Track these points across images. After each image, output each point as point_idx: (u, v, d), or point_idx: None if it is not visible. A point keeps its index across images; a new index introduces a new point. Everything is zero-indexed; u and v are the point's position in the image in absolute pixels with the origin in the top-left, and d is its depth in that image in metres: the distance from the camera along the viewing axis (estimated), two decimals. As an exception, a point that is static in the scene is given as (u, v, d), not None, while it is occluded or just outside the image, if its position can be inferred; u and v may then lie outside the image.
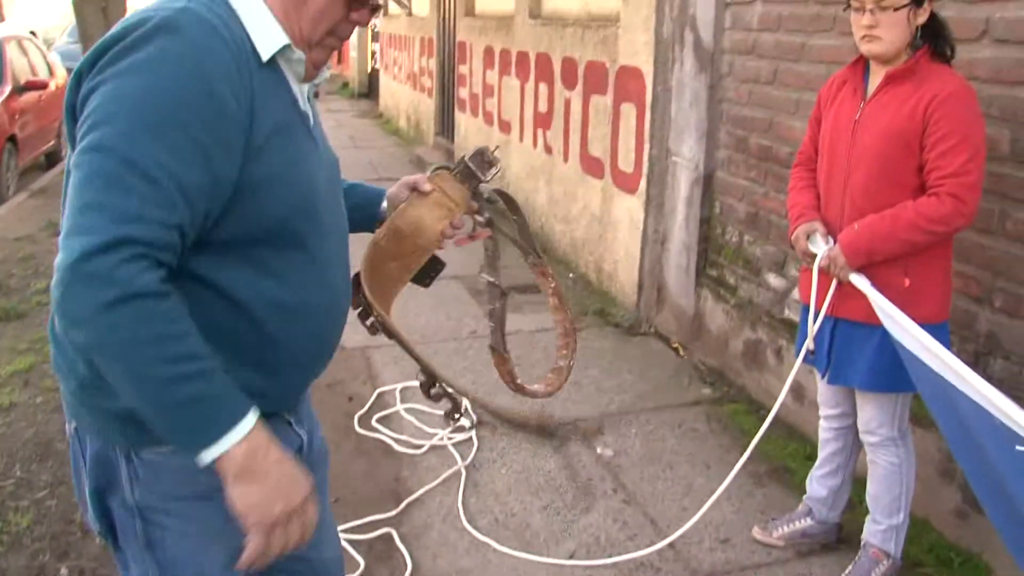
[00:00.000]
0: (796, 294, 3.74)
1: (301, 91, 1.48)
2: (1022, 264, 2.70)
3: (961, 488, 2.95)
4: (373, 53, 17.39)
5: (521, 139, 7.27)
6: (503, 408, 4.00)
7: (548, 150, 6.67)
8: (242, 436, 1.26)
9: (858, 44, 2.54)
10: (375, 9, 1.48)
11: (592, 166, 5.85)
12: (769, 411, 3.98)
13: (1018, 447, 1.92)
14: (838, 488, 2.99)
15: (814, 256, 2.64)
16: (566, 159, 6.31)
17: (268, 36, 1.38)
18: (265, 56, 1.36)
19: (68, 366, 1.42)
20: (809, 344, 2.73)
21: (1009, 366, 2.76)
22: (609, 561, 2.98)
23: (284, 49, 1.40)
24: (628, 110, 5.24)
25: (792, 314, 3.86)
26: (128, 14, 1.36)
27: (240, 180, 1.32)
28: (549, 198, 6.69)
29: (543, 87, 6.71)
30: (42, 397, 4.11)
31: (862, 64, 2.63)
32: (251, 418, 1.28)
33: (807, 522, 3.05)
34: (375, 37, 16.83)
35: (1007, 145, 2.70)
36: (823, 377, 2.81)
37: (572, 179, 6.21)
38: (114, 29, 1.29)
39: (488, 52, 8.14)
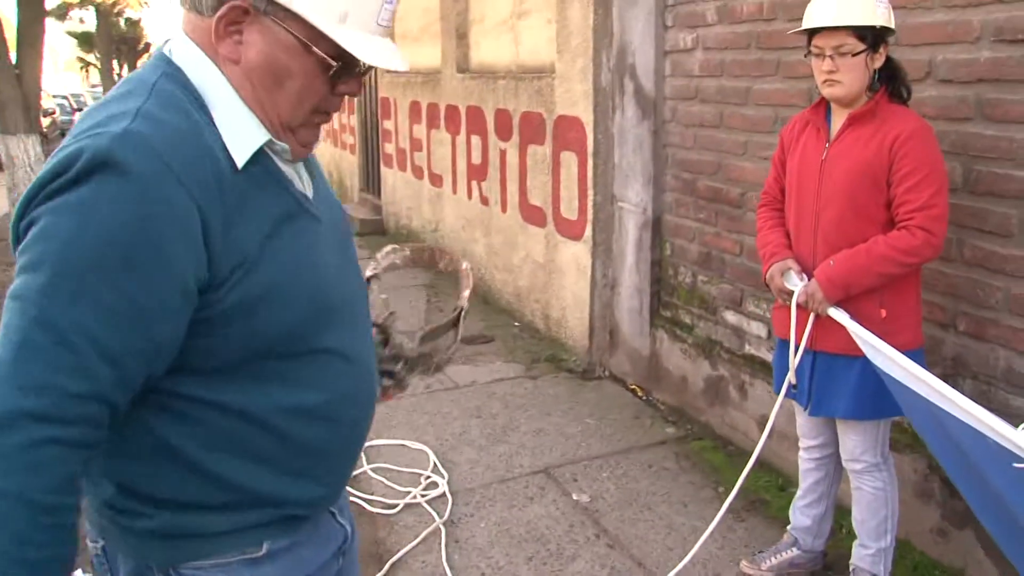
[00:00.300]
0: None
1: (295, 170, 1.34)
2: (982, 288, 2.83)
3: (940, 506, 3.04)
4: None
5: (455, 191, 7.31)
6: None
7: (484, 201, 6.72)
8: None
9: (820, 88, 2.66)
10: (364, 73, 1.30)
11: (533, 215, 5.91)
12: (735, 445, 4.08)
13: (1015, 464, 1.99)
14: (822, 516, 3.05)
15: (791, 293, 2.72)
16: (504, 209, 6.37)
17: (243, 136, 1.21)
18: (240, 162, 1.20)
19: (93, 485, 1.33)
20: (791, 378, 2.80)
21: (977, 385, 2.88)
22: (606, 607, 2.96)
23: (264, 145, 1.25)
24: (569, 158, 5.33)
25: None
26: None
27: (228, 306, 1.18)
28: (488, 248, 6.72)
29: (476, 139, 6.78)
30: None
31: (823, 106, 2.75)
32: None
33: (794, 552, 3.09)
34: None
35: (959, 177, 2.85)
36: (805, 409, 2.88)
37: (512, 228, 6.26)
38: (52, 161, 1.13)
39: (415, 107, 8.18)
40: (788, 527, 3.15)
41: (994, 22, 2.72)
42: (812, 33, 2.60)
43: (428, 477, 3.87)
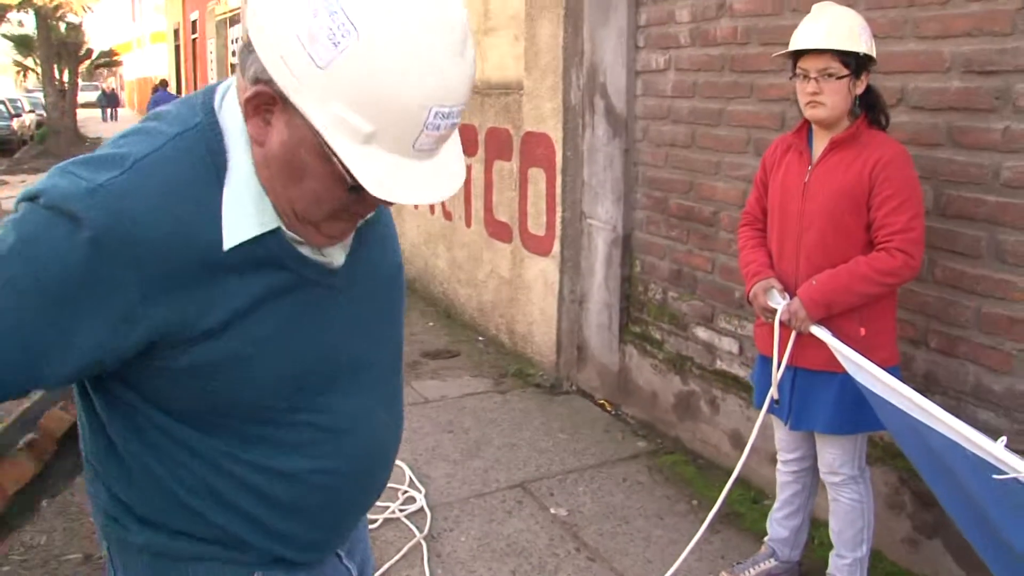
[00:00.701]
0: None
1: (320, 250, 1.22)
2: (955, 307, 2.96)
3: (910, 518, 3.16)
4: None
5: (416, 206, 7.32)
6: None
7: (448, 216, 6.75)
8: None
9: (803, 109, 2.76)
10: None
11: (499, 230, 5.96)
12: (706, 459, 4.16)
13: (994, 476, 2.09)
14: (799, 528, 3.14)
15: (774, 311, 2.81)
16: (469, 224, 6.41)
17: (242, 219, 1.13)
18: (227, 245, 1.11)
19: (95, 494, 1.34)
20: (774, 393, 2.89)
21: (947, 401, 2.99)
22: (591, 620, 3.01)
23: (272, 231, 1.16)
24: (537, 175, 5.39)
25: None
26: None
27: (181, 365, 1.14)
28: (451, 263, 6.75)
29: (439, 154, 6.79)
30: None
31: (805, 130, 2.85)
32: None
33: (771, 563, 3.18)
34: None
35: (930, 201, 2.97)
36: (785, 424, 2.97)
37: (477, 243, 6.30)
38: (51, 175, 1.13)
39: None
40: (765, 539, 3.23)
41: (963, 54, 2.86)
42: (798, 57, 2.70)
43: (405, 492, 3.87)
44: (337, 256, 1.25)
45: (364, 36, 0.98)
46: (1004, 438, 2.11)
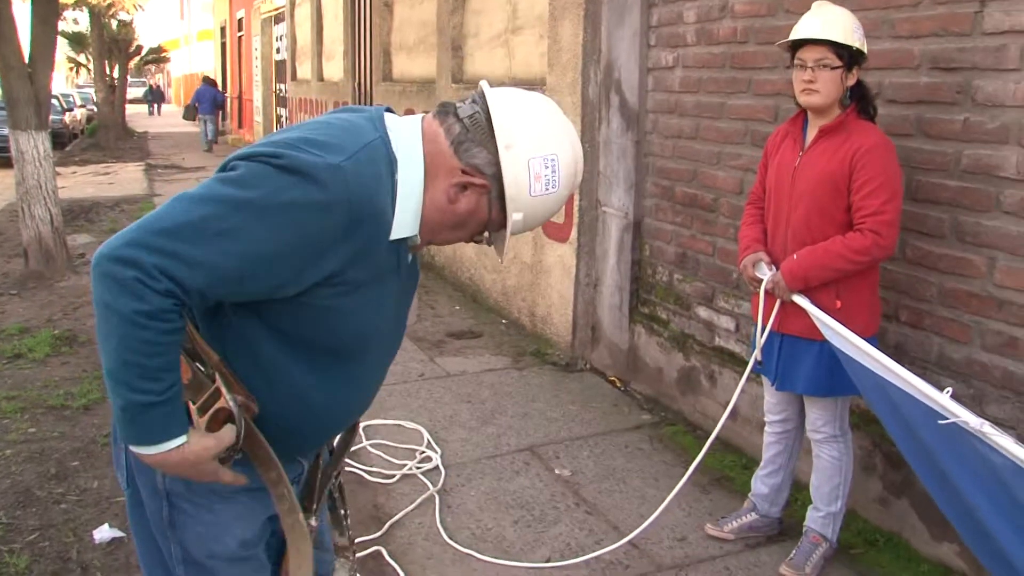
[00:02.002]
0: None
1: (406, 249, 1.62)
2: (921, 284, 3.23)
3: (881, 478, 3.43)
4: (279, 118, 17.54)
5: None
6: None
7: (475, 205, 7.08)
8: (157, 452, 1.47)
9: (798, 96, 3.05)
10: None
11: (521, 218, 6.26)
12: (706, 430, 4.44)
13: (939, 422, 2.38)
14: (779, 486, 3.42)
15: (760, 281, 3.11)
16: (494, 213, 6.72)
17: (405, 224, 1.53)
18: (394, 237, 1.52)
19: None
20: (757, 355, 3.19)
21: (914, 370, 3.24)
22: (582, 560, 3.32)
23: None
24: (556, 166, 5.69)
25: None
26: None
27: (303, 294, 1.50)
28: (478, 250, 7.08)
29: (468, 147, 7.13)
30: (11, 449, 4.21)
31: (801, 119, 3.14)
32: (174, 443, 1.47)
33: (752, 517, 3.47)
34: (282, 102, 17.01)
35: (903, 187, 3.23)
36: (772, 384, 3.26)
37: (501, 231, 6.62)
38: (274, 145, 1.47)
39: (409, 115, 8.53)
40: (749, 494, 3.52)
41: (931, 52, 3.13)
42: (796, 50, 3.01)
43: (422, 452, 4.22)
44: (409, 256, 1.66)
45: (556, 191, 1.57)
46: (950, 389, 2.42)
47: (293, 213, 1.41)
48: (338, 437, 1.92)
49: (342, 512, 2.05)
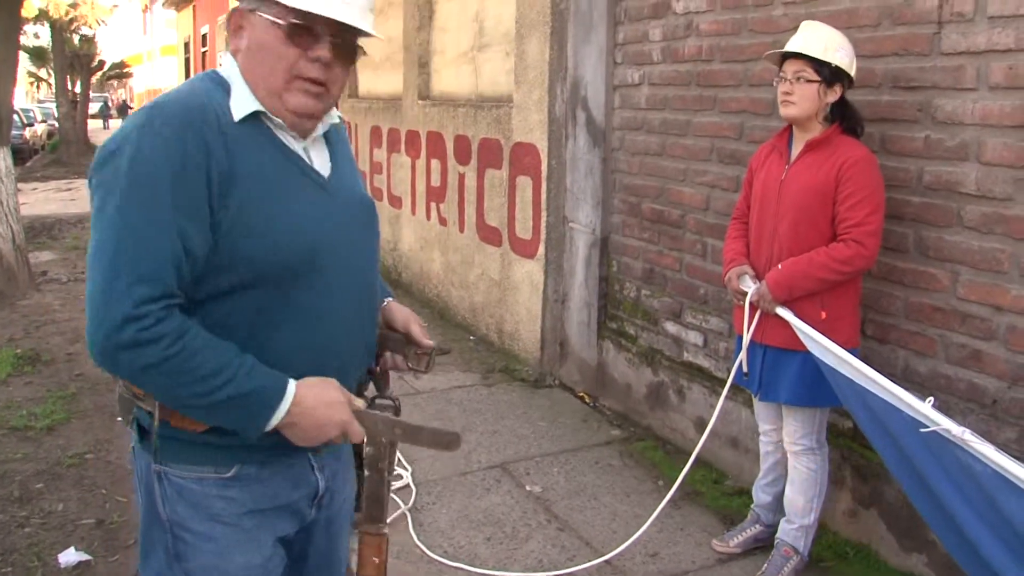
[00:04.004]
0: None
1: (311, 153, 1.69)
2: (886, 298, 3.28)
3: (851, 491, 3.47)
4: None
5: (414, 212, 7.67)
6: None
7: (443, 222, 7.09)
8: (284, 413, 1.56)
9: (780, 108, 3.11)
10: (335, 39, 1.60)
11: (489, 235, 6.29)
12: (673, 445, 4.48)
13: (921, 430, 2.42)
14: (781, 493, 3.43)
15: (745, 293, 3.15)
16: (462, 229, 6.74)
17: (241, 104, 1.60)
18: (236, 117, 1.58)
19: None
20: (744, 366, 3.23)
21: (881, 384, 3.30)
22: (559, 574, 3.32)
23: (259, 114, 1.60)
24: (524, 182, 5.73)
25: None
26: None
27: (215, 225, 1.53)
28: (445, 266, 7.08)
29: (436, 163, 7.15)
30: (-29, 473, 4.13)
31: (787, 134, 3.20)
32: (288, 394, 1.56)
33: (757, 528, 3.50)
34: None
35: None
36: (756, 395, 3.29)
37: (469, 247, 6.64)
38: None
39: (375, 131, 8.54)
40: (752, 506, 3.54)
41: (892, 71, 3.19)
42: (783, 63, 3.08)
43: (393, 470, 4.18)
44: (323, 167, 1.72)
45: None
46: (932, 399, 2.45)
47: (143, 166, 1.50)
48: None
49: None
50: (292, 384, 1.57)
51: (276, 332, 1.61)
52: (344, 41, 1.63)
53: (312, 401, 1.59)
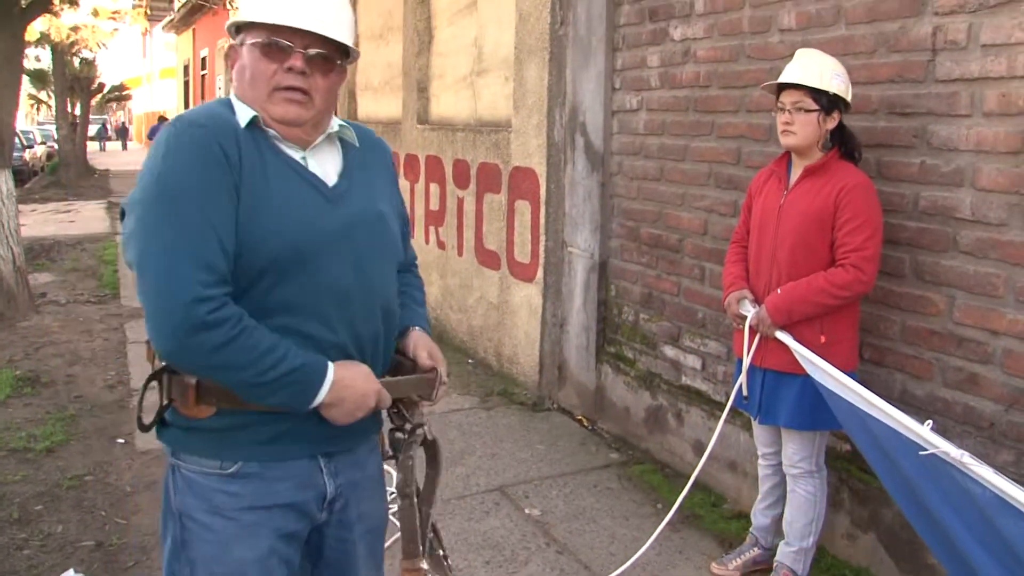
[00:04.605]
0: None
1: (316, 162, 1.82)
2: (884, 322, 3.30)
3: (849, 514, 3.47)
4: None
5: (412, 236, 7.66)
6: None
7: (441, 245, 7.12)
8: (329, 384, 1.71)
9: (780, 137, 3.15)
10: (307, 53, 1.75)
11: (488, 258, 6.32)
12: (672, 468, 4.48)
13: (920, 453, 2.44)
14: (780, 516, 3.44)
15: (744, 317, 3.18)
16: (461, 253, 6.77)
17: (242, 116, 1.75)
18: (241, 123, 1.73)
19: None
20: (744, 389, 3.24)
21: (878, 407, 3.32)
22: (556, 602, 3.32)
23: (256, 123, 1.75)
24: (523, 206, 5.77)
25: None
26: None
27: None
28: (443, 290, 7.10)
29: (434, 187, 7.19)
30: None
31: (786, 160, 3.24)
32: (329, 368, 1.71)
33: (756, 551, 3.50)
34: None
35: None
36: (755, 418, 3.31)
37: (468, 271, 6.66)
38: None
39: (375, 155, 8.56)
40: (751, 529, 3.54)
41: (888, 97, 3.24)
42: (779, 93, 3.11)
43: (392, 493, 4.17)
44: (327, 176, 1.83)
45: None
46: (931, 422, 2.47)
47: (179, 166, 1.66)
48: (425, 472, 2.01)
49: (440, 553, 2.10)
50: (330, 367, 1.72)
51: (265, 322, 1.69)
52: (318, 52, 1.77)
53: (349, 373, 1.74)
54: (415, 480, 1.90)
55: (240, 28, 1.81)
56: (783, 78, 3.11)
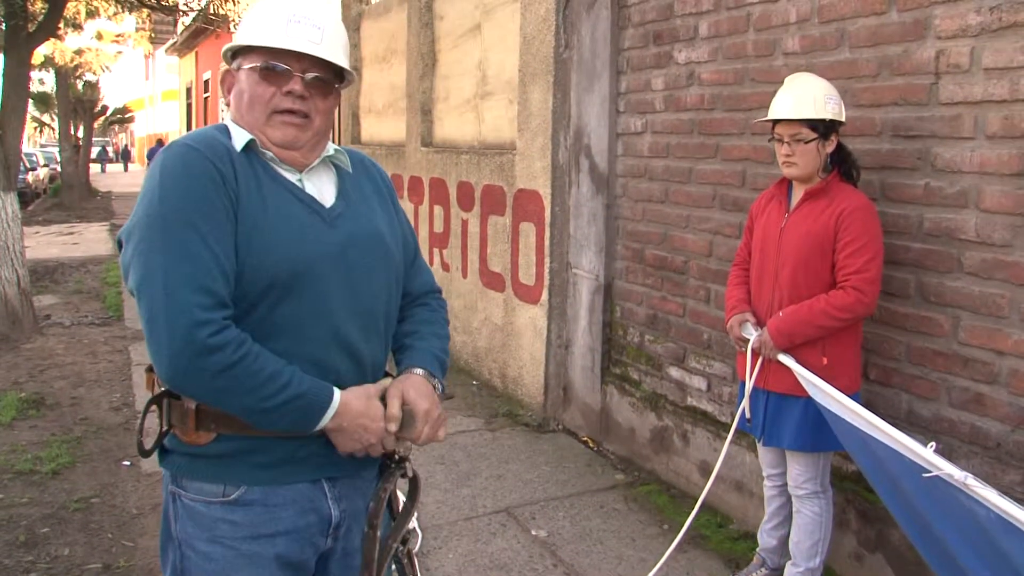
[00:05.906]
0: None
1: (311, 184, 1.83)
2: (889, 343, 3.32)
3: (855, 534, 3.48)
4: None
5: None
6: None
7: (446, 267, 7.14)
8: (331, 416, 1.71)
9: (780, 167, 3.17)
10: (304, 77, 1.77)
11: (493, 280, 6.34)
12: (678, 489, 4.48)
13: (923, 475, 2.45)
14: (787, 537, 3.44)
15: (747, 340, 3.19)
16: (465, 275, 6.80)
17: (238, 140, 1.77)
18: (237, 147, 1.75)
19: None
20: (747, 412, 3.25)
21: (885, 428, 3.33)
22: (564, 623, 3.32)
23: (252, 146, 1.76)
24: (527, 228, 5.80)
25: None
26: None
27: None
28: (448, 311, 7.10)
29: (439, 209, 7.23)
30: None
31: (787, 183, 3.27)
32: (335, 400, 1.71)
33: (763, 572, 3.51)
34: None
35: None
36: (759, 440, 3.32)
37: (472, 293, 6.68)
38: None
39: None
40: (757, 549, 3.54)
41: (892, 120, 3.27)
42: (775, 123, 3.13)
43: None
44: (324, 198, 1.85)
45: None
46: (934, 444, 2.48)
47: (176, 189, 1.67)
48: (403, 502, 1.96)
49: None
50: (336, 394, 1.72)
51: (266, 344, 1.69)
52: (316, 76, 1.79)
53: (351, 396, 1.74)
54: (386, 512, 1.86)
55: (236, 53, 1.83)
56: (777, 112, 3.12)
